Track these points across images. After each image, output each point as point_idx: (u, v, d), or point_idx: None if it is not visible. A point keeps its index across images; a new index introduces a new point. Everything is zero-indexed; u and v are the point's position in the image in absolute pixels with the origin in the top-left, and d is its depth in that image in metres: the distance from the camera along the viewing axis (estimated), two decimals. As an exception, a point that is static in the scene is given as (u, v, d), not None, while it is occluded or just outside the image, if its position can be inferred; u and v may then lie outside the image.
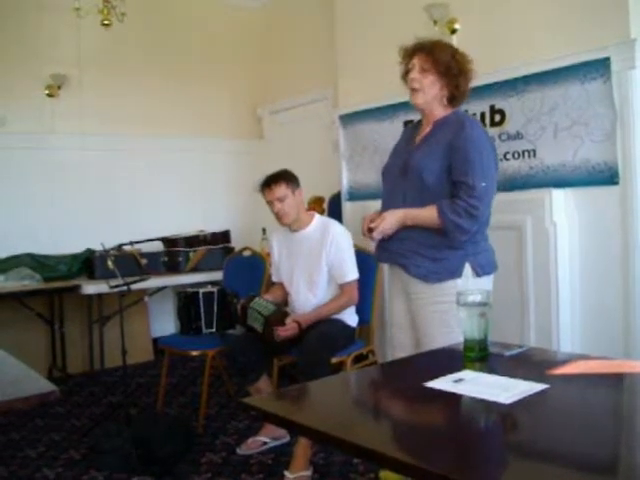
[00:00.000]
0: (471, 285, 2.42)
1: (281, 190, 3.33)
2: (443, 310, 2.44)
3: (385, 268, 3.23)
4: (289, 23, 5.88)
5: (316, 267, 3.35)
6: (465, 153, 2.42)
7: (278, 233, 3.58)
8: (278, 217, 3.39)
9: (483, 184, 2.40)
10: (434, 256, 2.49)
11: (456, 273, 2.48)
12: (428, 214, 2.45)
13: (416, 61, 2.55)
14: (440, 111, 2.58)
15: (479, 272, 2.50)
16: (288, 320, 3.25)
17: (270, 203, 3.38)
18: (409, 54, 2.59)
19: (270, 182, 3.37)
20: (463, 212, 2.39)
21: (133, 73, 5.49)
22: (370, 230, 2.54)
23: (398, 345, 2.71)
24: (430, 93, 2.54)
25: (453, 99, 2.57)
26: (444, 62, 2.51)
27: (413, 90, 2.56)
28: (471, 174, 2.40)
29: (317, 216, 3.49)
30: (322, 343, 3.14)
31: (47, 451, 3.44)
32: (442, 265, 2.48)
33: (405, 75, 2.61)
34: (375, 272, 3.58)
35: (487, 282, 2.54)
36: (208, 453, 3.33)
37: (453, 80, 2.53)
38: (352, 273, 3.36)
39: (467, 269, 2.48)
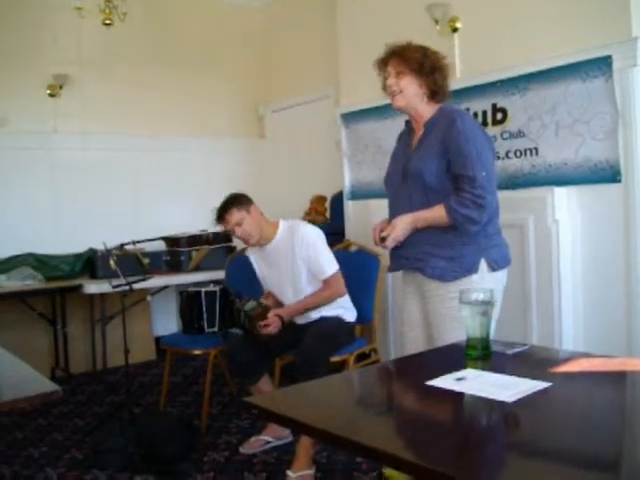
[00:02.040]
0: (487, 280, 2.43)
1: (234, 216, 3.32)
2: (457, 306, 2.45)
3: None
4: (291, 21, 5.88)
5: (295, 271, 3.33)
6: (459, 147, 2.43)
7: (253, 250, 3.53)
8: (244, 241, 3.41)
9: (483, 173, 2.41)
10: (449, 255, 2.49)
11: (472, 270, 2.48)
12: (437, 213, 2.46)
13: (390, 68, 2.59)
14: (425, 110, 2.60)
15: (494, 267, 2.51)
16: (270, 314, 3.25)
17: (231, 232, 3.41)
18: (383, 63, 2.63)
19: (221, 214, 3.36)
20: (470, 203, 2.40)
21: (135, 72, 5.49)
22: (382, 239, 2.55)
23: (412, 344, 2.71)
24: (409, 93, 2.56)
25: (434, 95, 2.59)
26: (416, 60, 2.54)
27: (392, 95, 2.59)
28: (470, 166, 2.41)
29: (282, 222, 3.42)
30: (320, 342, 3.13)
31: (50, 450, 3.44)
32: (458, 263, 2.49)
33: (385, 85, 2.64)
34: (377, 271, 3.58)
35: (502, 276, 2.56)
36: (211, 452, 3.33)
37: (430, 76, 2.55)
38: (331, 266, 3.31)
39: (482, 264, 2.49)
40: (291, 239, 3.32)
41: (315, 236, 3.34)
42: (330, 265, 3.32)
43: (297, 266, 3.32)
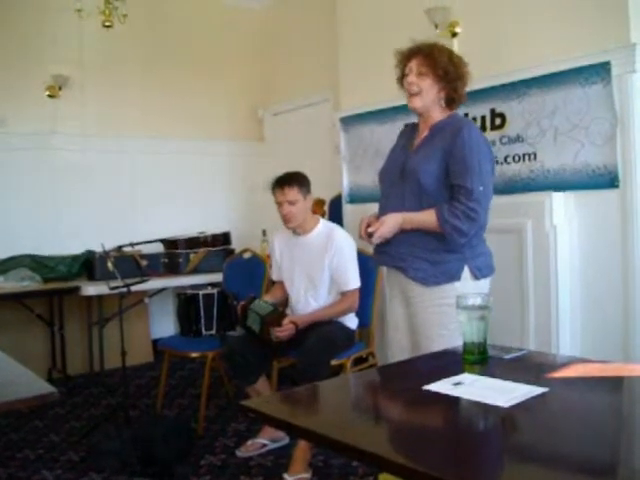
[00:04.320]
0: (469, 288, 2.42)
1: (293, 194, 3.30)
2: (442, 312, 2.45)
3: (384, 271, 3.23)
4: (290, 24, 5.89)
5: (317, 272, 3.34)
6: (463, 157, 2.42)
7: (281, 235, 3.56)
8: (285, 220, 3.36)
9: (481, 188, 2.40)
10: (433, 259, 2.49)
11: (455, 277, 2.48)
12: (427, 218, 2.45)
13: (413, 65, 2.53)
14: (438, 114, 2.57)
15: (477, 275, 2.50)
16: (285, 321, 3.24)
17: (280, 204, 3.35)
18: (406, 57, 2.58)
19: (284, 184, 3.32)
20: (462, 215, 2.39)
21: (134, 74, 5.49)
22: (369, 235, 2.54)
23: (396, 347, 2.71)
24: (428, 97, 2.53)
25: (451, 102, 2.57)
26: (442, 65, 2.50)
27: (411, 94, 2.56)
28: (469, 178, 2.40)
29: (322, 221, 3.47)
30: (322, 345, 3.14)
31: (46, 452, 3.43)
32: (441, 269, 2.48)
33: (401, 79, 2.61)
34: (375, 275, 3.57)
35: (485, 285, 2.54)
36: (207, 455, 3.32)
37: (451, 83, 2.52)
38: (354, 281, 3.35)
39: (465, 272, 2.49)
40: (325, 243, 3.33)
41: (349, 247, 3.36)
42: (354, 280, 3.35)
43: (321, 270, 3.33)
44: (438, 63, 2.50)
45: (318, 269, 3.34)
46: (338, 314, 3.35)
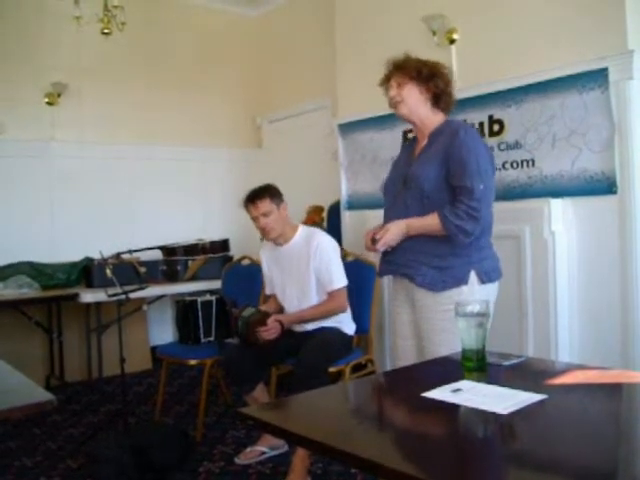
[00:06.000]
0: (476, 292, 2.43)
1: (266, 205, 3.32)
2: (448, 318, 2.44)
3: (387, 278, 3.23)
4: (288, 31, 5.91)
5: (305, 278, 3.34)
6: (460, 158, 2.44)
7: (265, 248, 3.57)
8: (264, 232, 3.38)
9: (481, 186, 2.42)
10: (439, 265, 2.49)
11: (462, 281, 2.48)
12: (431, 222, 2.47)
13: (393, 81, 2.62)
14: (429, 118, 2.61)
15: (484, 279, 2.50)
16: (270, 320, 3.24)
17: (255, 219, 3.37)
18: (386, 79, 2.66)
19: (254, 198, 3.35)
20: (464, 215, 2.40)
21: (133, 82, 5.51)
22: (374, 241, 2.54)
23: (402, 354, 2.70)
24: (411, 100, 2.58)
25: (437, 100, 2.60)
26: (413, 67, 2.57)
27: (395, 104, 2.62)
28: (469, 178, 2.42)
29: (301, 227, 3.47)
30: (320, 352, 3.13)
31: (44, 460, 3.42)
32: (447, 273, 2.49)
33: (389, 99, 2.67)
34: (374, 281, 3.58)
35: (492, 289, 2.55)
36: (206, 462, 3.31)
37: (429, 82, 2.57)
38: (339, 280, 3.33)
39: (472, 276, 2.49)
40: (307, 246, 3.33)
41: (330, 247, 3.36)
42: (339, 279, 3.33)
43: (308, 274, 3.33)
44: (409, 67, 2.58)
45: (306, 275, 3.34)
46: (324, 314, 3.33)
